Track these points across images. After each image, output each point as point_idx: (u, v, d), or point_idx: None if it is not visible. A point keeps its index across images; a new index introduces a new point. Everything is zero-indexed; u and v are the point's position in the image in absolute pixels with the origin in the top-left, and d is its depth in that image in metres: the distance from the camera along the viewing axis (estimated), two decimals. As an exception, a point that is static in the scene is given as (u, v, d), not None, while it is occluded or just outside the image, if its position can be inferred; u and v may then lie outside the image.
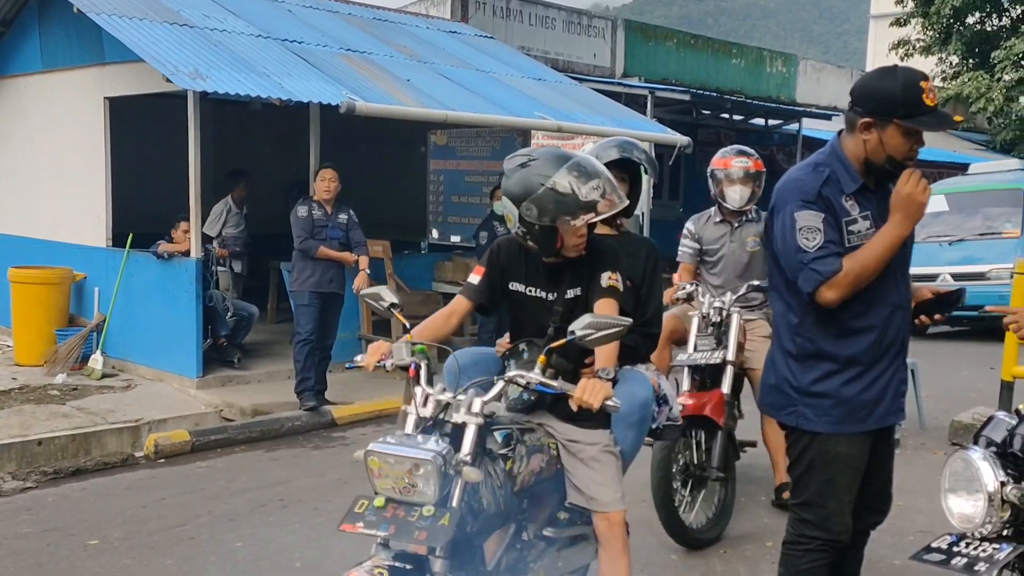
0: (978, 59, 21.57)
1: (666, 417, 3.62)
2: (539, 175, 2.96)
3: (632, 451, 3.40)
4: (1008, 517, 2.34)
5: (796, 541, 3.17)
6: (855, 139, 3.00)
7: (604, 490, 3.12)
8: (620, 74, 16.89)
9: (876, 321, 3.04)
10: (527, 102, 9.86)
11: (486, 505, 2.70)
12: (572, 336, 2.74)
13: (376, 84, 8.62)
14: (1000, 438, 2.43)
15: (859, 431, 3.07)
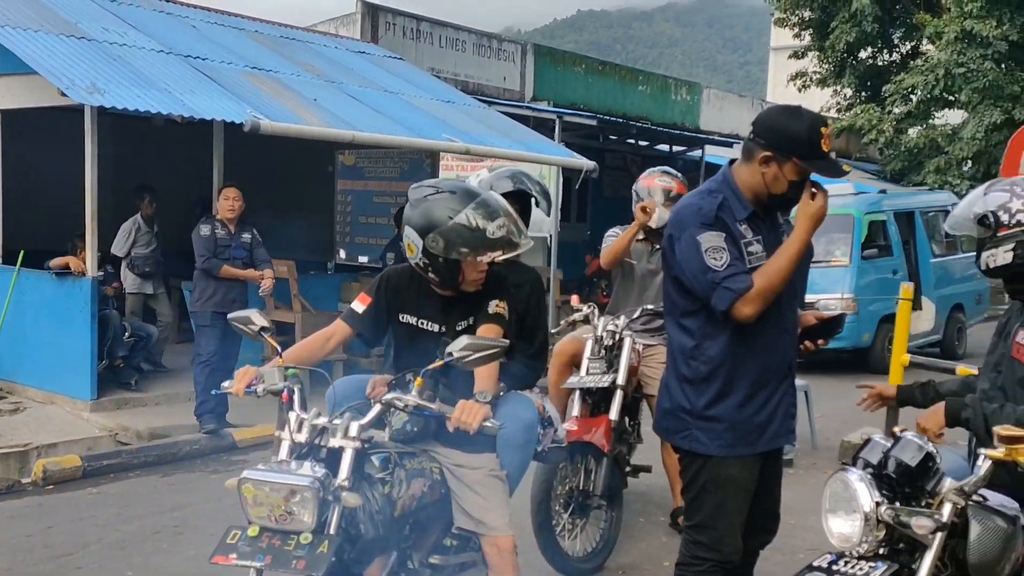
0: (870, 92, 22.55)
1: (551, 439, 3.65)
2: (447, 208, 2.98)
3: (518, 474, 3.41)
4: (883, 536, 2.45)
5: (689, 563, 3.24)
6: (751, 169, 3.09)
7: (492, 514, 3.13)
8: (529, 98, 17.08)
9: (768, 345, 3.13)
10: (435, 124, 9.89)
11: (364, 531, 2.66)
12: (449, 358, 2.76)
13: (282, 103, 8.54)
14: (876, 460, 2.54)
15: (750, 453, 3.17)
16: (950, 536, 2.49)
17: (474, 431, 2.75)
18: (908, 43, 22.81)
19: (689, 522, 3.27)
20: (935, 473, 2.49)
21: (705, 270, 3.00)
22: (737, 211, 3.10)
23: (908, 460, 2.48)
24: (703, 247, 3.00)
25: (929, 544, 2.42)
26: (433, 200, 3.01)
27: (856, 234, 11.42)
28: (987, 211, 2.82)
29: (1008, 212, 2.79)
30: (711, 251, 2.99)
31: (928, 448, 2.50)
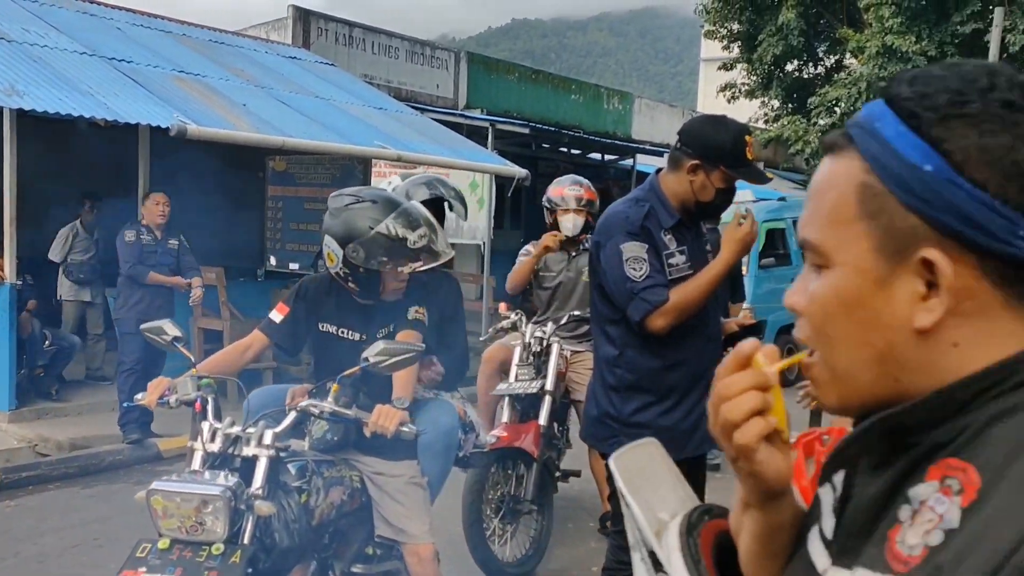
0: (796, 104, 23.07)
1: (473, 445, 3.67)
2: (368, 218, 2.97)
3: (439, 481, 3.42)
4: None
5: (615, 568, 3.27)
6: (679, 178, 3.15)
7: (412, 522, 3.14)
8: (463, 106, 17.12)
9: (692, 353, 3.19)
10: (367, 130, 9.85)
11: (279, 540, 2.63)
12: (365, 363, 2.76)
13: (210, 107, 8.42)
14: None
15: (677, 460, 3.22)
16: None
17: (391, 435, 2.74)
18: (832, 57, 23.45)
19: (616, 527, 3.31)
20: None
21: (624, 279, 3.06)
22: (664, 219, 3.15)
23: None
24: (625, 256, 3.06)
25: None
26: (354, 210, 3.00)
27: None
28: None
29: None
30: (632, 261, 3.05)
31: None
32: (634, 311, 3.06)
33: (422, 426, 3.32)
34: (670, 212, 3.17)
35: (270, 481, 2.64)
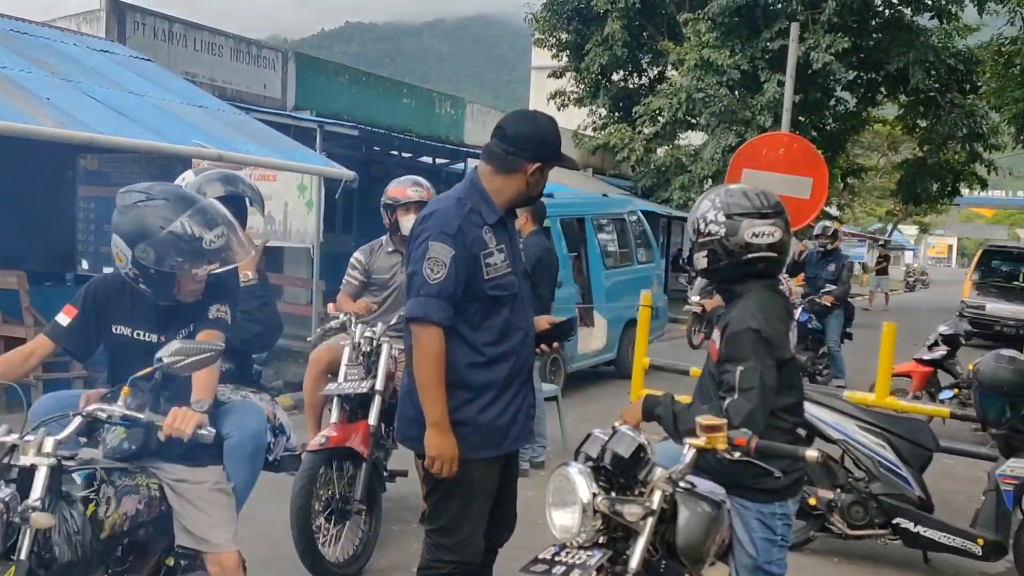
0: (623, 112, 23.88)
1: (283, 448, 3.58)
2: (159, 217, 2.83)
3: (247, 486, 3.31)
4: (600, 526, 2.58)
5: (431, 566, 3.29)
6: (513, 179, 3.21)
7: (215, 531, 3.01)
8: (291, 107, 16.73)
9: (511, 348, 3.24)
10: (186, 128, 9.46)
11: (59, 554, 2.46)
12: (159, 364, 2.65)
13: (9, 100, 7.86)
14: (595, 453, 2.68)
15: (495, 456, 3.26)
16: (660, 521, 2.66)
17: (187, 438, 2.63)
18: (655, 68, 24.39)
19: (432, 525, 3.31)
20: (646, 463, 2.66)
21: (419, 275, 3.09)
22: (487, 215, 3.20)
23: (622, 452, 2.63)
24: (428, 255, 3.08)
25: (640, 530, 2.58)
26: (144, 207, 2.86)
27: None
28: (695, 218, 3.07)
29: (705, 221, 3.05)
30: (432, 262, 3.08)
31: (640, 440, 2.66)
32: (410, 308, 3.12)
33: (228, 429, 3.21)
34: (493, 209, 3.22)
35: (51, 492, 2.47)
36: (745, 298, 3.03)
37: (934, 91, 21.95)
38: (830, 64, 18.95)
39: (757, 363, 2.85)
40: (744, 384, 2.83)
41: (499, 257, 3.20)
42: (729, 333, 2.93)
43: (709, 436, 2.59)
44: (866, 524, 5.12)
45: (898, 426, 5.24)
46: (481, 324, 3.19)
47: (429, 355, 3.09)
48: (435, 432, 3.12)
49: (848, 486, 5.21)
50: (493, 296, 3.18)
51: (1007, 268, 16.73)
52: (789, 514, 3.06)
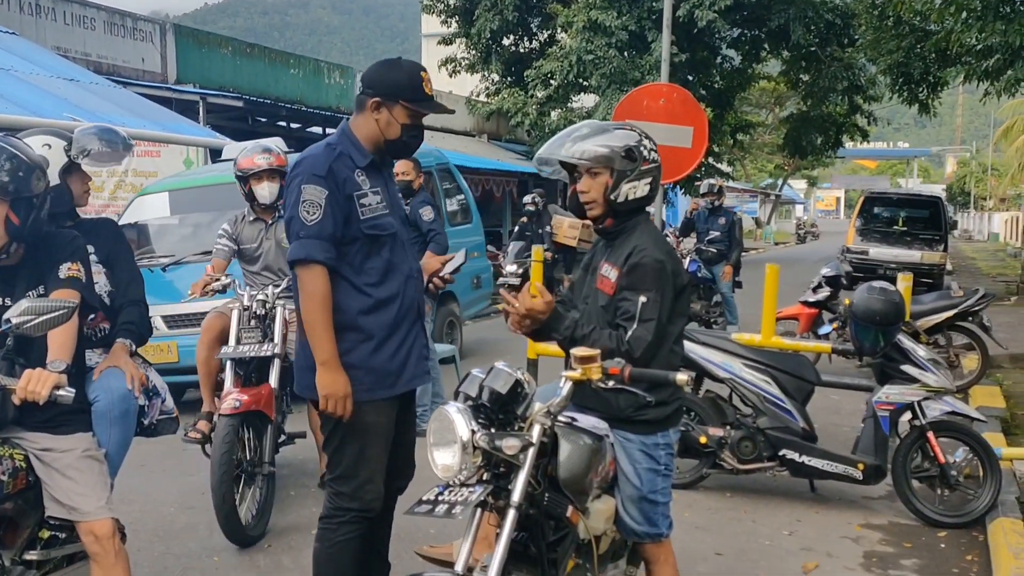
0: (515, 77, 23.83)
1: (159, 411, 3.50)
2: None
3: (119, 451, 3.23)
4: (481, 462, 2.59)
5: (332, 515, 3.28)
6: (366, 119, 3.24)
7: (86, 499, 2.91)
8: (173, 80, 16.20)
9: (396, 291, 3.26)
10: (57, 103, 9.08)
11: None
12: (8, 325, 2.54)
13: None
14: (474, 392, 2.68)
15: (388, 396, 3.25)
16: (542, 455, 2.68)
17: (43, 400, 2.52)
18: (546, 31, 24.35)
19: (332, 474, 3.31)
20: (524, 398, 2.68)
21: (296, 220, 3.14)
22: (357, 159, 3.23)
23: (499, 388, 2.63)
24: (302, 198, 3.12)
25: (521, 463, 2.59)
26: None
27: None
28: (630, 145, 3.02)
29: (645, 148, 3.04)
30: (307, 204, 3.12)
31: (517, 375, 2.67)
32: (292, 251, 3.16)
33: (94, 393, 3.11)
34: (363, 153, 3.26)
35: None
36: (640, 230, 3.07)
37: (814, 46, 22.58)
38: (714, 22, 19.26)
39: (658, 295, 2.91)
40: (645, 315, 2.88)
41: (374, 199, 3.23)
42: (632, 263, 2.95)
43: (584, 367, 2.62)
44: (755, 458, 5.29)
45: (782, 362, 5.42)
46: (363, 266, 3.21)
47: (315, 295, 3.12)
48: (325, 371, 3.13)
49: (737, 423, 5.37)
50: (371, 236, 3.21)
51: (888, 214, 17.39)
52: (671, 443, 3.13)
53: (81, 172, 3.57)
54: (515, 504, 2.58)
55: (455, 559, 2.68)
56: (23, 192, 2.78)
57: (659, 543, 3.16)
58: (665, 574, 3.18)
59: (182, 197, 8.15)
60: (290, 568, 4.32)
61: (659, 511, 3.11)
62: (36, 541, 3.04)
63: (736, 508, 5.29)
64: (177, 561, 4.41)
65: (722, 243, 10.95)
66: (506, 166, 22.48)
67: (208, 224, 7.81)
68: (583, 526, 2.88)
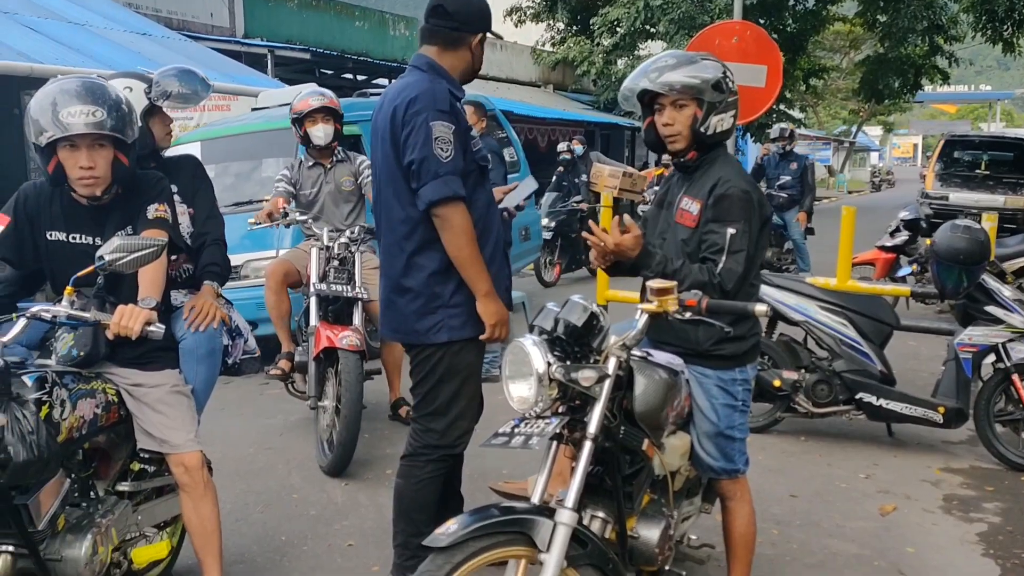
0: (581, 25, 23.51)
1: (242, 351, 3.54)
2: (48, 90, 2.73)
3: (205, 388, 3.28)
4: (556, 394, 2.58)
5: (419, 453, 3.30)
6: (461, 55, 3.22)
7: (174, 432, 3.00)
8: (242, 34, 16.34)
9: (492, 222, 3.26)
10: (130, 57, 9.23)
11: (14, 454, 2.42)
12: (101, 262, 2.58)
13: (-58, 33, 7.62)
14: (549, 326, 2.67)
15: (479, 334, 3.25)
16: (617, 388, 2.67)
17: (135, 335, 2.58)
18: (612, -23, 23.89)
19: (422, 412, 3.30)
20: (600, 330, 2.66)
21: (431, 158, 3.04)
22: (456, 93, 3.20)
23: (575, 320, 2.62)
24: (434, 135, 3.04)
25: (597, 396, 2.58)
26: (46, 86, 2.78)
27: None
28: (718, 77, 2.94)
29: (730, 80, 2.97)
30: (440, 142, 3.05)
31: (592, 308, 2.65)
32: (432, 191, 3.05)
33: (181, 332, 3.18)
34: (457, 87, 3.24)
35: (0, 393, 2.41)
36: (721, 162, 3.01)
37: (893, -16, 21.78)
38: (787, -39, 18.69)
39: (746, 226, 2.85)
40: (734, 247, 2.83)
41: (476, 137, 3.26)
42: (718, 195, 2.89)
43: (660, 299, 2.59)
44: (830, 401, 5.20)
45: (859, 304, 5.30)
46: (473, 200, 3.18)
47: (465, 231, 3.08)
48: (488, 301, 3.16)
49: (812, 366, 5.28)
50: (481, 168, 3.23)
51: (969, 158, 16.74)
52: (749, 380, 3.09)
53: (162, 114, 3.60)
54: (591, 436, 2.57)
55: (529, 494, 2.70)
56: (130, 134, 2.84)
57: (735, 480, 3.13)
58: (742, 511, 3.15)
59: (215, 146, 7.90)
60: (366, 505, 4.40)
61: (736, 447, 3.08)
62: (128, 473, 3.15)
63: (811, 451, 5.22)
64: (258, 498, 4.52)
65: (793, 188, 10.72)
66: (572, 115, 22.26)
67: (242, 174, 7.77)
68: (658, 461, 2.87)
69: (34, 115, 2.71)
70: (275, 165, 7.65)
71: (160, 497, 3.29)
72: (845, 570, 3.73)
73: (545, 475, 2.66)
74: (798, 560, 3.82)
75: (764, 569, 3.64)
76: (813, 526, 4.16)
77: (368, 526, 4.14)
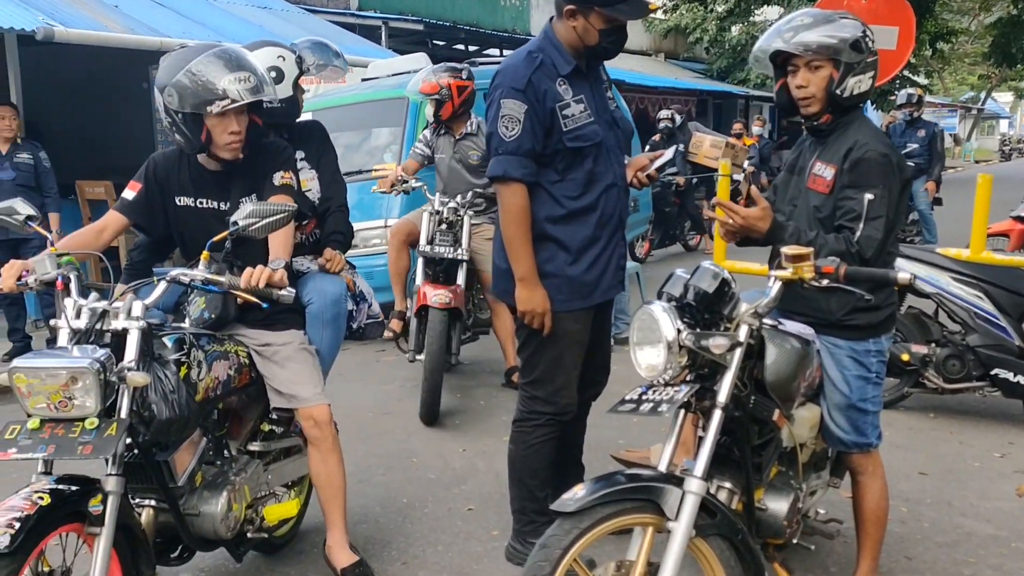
0: (694, -9, 22.97)
1: (366, 315, 3.60)
2: (182, 61, 2.79)
3: (331, 351, 3.35)
4: (686, 362, 2.53)
5: (526, 418, 3.33)
6: (564, 25, 3.12)
7: (303, 387, 3.09)
8: (356, 7, 16.55)
9: (594, 200, 3.19)
10: (251, 30, 9.46)
11: (158, 412, 2.52)
12: (235, 227, 2.65)
13: (78, 10, 7.95)
14: (678, 292, 2.61)
15: (584, 307, 3.24)
16: (748, 357, 2.60)
17: (263, 284, 2.63)
18: (727, -59, 23.24)
19: (526, 378, 3.34)
20: (731, 298, 2.59)
21: (495, 135, 3.10)
22: (560, 66, 3.13)
23: (705, 287, 2.56)
24: (501, 112, 3.07)
25: (728, 363, 2.52)
26: (175, 55, 2.84)
27: (409, 128, 7.49)
28: (857, 36, 2.80)
29: (870, 39, 2.83)
30: (506, 119, 3.07)
31: (724, 275, 2.58)
32: (491, 168, 3.15)
33: (308, 296, 3.26)
34: (566, 59, 3.14)
35: (144, 353, 2.51)
36: (857, 125, 2.88)
37: (1029, -60, 20.51)
38: (915, -81, 17.79)
39: (885, 191, 2.73)
40: (873, 212, 2.71)
41: (577, 108, 3.13)
42: (855, 159, 2.77)
43: (795, 266, 2.50)
44: (963, 377, 4.99)
45: (995, 276, 5.04)
46: (565, 176, 3.16)
47: (513, 211, 3.12)
48: (524, 287, 3.16)
49: (943, 340, 5.07)
50: (574, 148, 3.14)
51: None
52: (883, 351, 2.97)
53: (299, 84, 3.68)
54: (721, 405, 2.52)
55: (652, 462, 2.67)
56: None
57: (867, 454, 3.03)
58: (874, 486, 3.05)
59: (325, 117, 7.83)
60: (484, 471, 4.45)
61: (868, 420, 2.98)
62: (258, 434, 3.26)
63: (941, 428, 5.02)
64: (379, 461, 4.62)
65: (920, 157, 10.28)
66: (684, 84, 21.83)
67: (351, 144, 7.78)
68: (787, 433, 2.80)
69: (185, 84, 2.77)
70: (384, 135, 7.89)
71: (288, 457, 3.40)
72: (979, 550, 3.58)
73: (672, 443, 2.62)
74: (929, 539, 3.68)
75: (894, 547, 3.52)
76: (945, 505, 4.01)
77: (486, 491, 4.18)
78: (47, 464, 2.42)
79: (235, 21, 9.68)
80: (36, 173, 6.94)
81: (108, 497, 2.39)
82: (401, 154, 7.45)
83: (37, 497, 2.25)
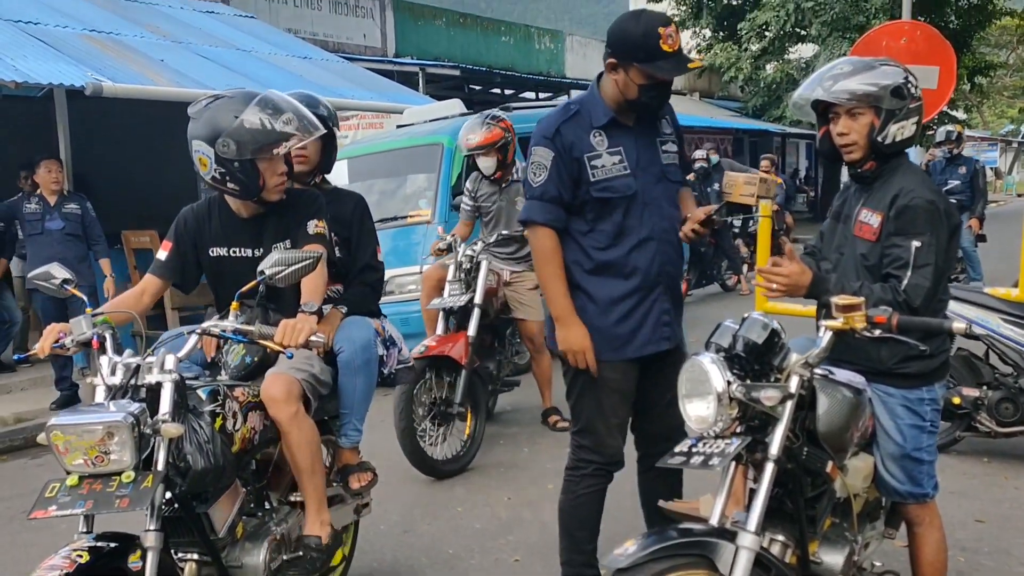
0: (727, 31, 23.05)
1: (396, 361, 3.58)
2: (229, 111, 2.85)
3: (365, 397, 3.34)
4: (737, 414, 2.50)
5: (576, 467, 3.32)
6: (608, 78, 3.15)
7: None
8: (393, 54, 16.83)
9: (624, 254, 3.17)
10: (292, 79, 9.62)
11: (193, 462, 2.53)
12: (262, 276, 2.67)
13: (126, 65, 8.16)
14: (727, 343, 2.59)
15: (616, 360, 3.21)
16: (799, 408, 2.57)
17: (299, 345, 2.65)
18: (760, -20, 23.33)
19: (574, 428, 3.35)
20: (781, 348, 2.56)
21: (525, 182, 3.26)
22: (596, 118, 3.16)
23: (755, 338, 2.53)
24: (531, 159, 3.18)
25: (779, 416, 2.49)
26: (214, 107, 2.89)
27: (444, 174, 7.48)
28: (898, 83, 2.78)
29: (912, 85, 2.81)
30: (534, 166, 3.17)
31: (773, 325, 2.56)
32: (520, 212, 3.29)
33: (339, 344, 3.26)
34: (604, 111, 3.16)
35: (178, 405, 2.52)
36: (902, 171, 2.85)
37: (1067, -27, 20.38)
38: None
39: (933, 238, 2.69)
40: (920, 260, 2.68)
41: (609, 160, 3.13)
42: (901, 206, 2.74)
43: (847, 316, 2.47)
44: (1016, 420, 4.88)
45: (1047, 317, 4.95)
46: (594, 227, 3.18)
47: (540, 254, 3.21)
48: (561, 326, 3.19)
49: (995, 382, 4.97)
50: (601, 199, 3.14)
51: None
52: (937, 399, 2.92)
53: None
54: (773, 457, 2.49)
55: (700, 514, 2.63)
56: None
57: (924, 504, 2.96)
58: (931, 537, 2.98)
59: (360, 163, 7.97)
60: (530, 521, 4.41)
61: (924, 470, 2.92)
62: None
63: (995, 473, 4.91)
64: (424, 511, 4.61)
65: (962, 194, 10.16)
66: (719, 123, 21.87)
67: (387, 191, 7.79)
68: (840, 483, 2.75)
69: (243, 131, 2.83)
70: (420, 181, 7.88)
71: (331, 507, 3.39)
72: (1042, 603, 3.48)
73: (724, 495, 2.58)
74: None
75: (952, 599, 3.43)
76: (1003, 553, 3.90)
77: (533, 541, 4.14)
78: (88, 521, 2.45)
79: (276, 71, 9.86)
80: (83, 223, 7.13)
81: (147, 553, 2.40)
82: (436, 200, 7.51)
83: (76, 555, 2.27)
